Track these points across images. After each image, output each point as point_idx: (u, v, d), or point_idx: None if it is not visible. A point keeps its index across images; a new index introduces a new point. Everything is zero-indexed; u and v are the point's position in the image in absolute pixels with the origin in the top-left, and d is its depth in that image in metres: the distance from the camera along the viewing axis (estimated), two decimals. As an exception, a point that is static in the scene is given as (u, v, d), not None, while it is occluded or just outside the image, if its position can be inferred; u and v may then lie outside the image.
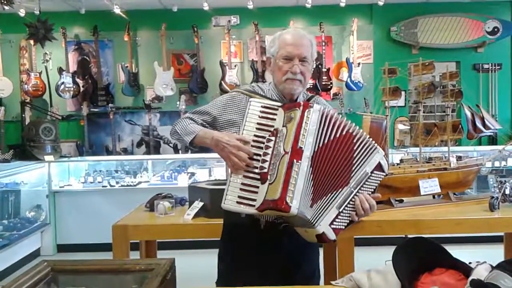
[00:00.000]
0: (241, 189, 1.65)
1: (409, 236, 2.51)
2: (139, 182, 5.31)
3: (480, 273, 1.32)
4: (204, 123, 1.93)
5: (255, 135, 1.70)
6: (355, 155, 1.69)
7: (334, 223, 1.67)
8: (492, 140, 5.91)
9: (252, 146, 1.69)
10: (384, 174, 1.77)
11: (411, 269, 1.43)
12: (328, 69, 5.88)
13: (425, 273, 1.42)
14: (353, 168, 1.69)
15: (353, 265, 2.52)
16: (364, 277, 1.53)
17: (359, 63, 5.88)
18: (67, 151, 5.84)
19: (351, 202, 1.70)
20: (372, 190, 1.75)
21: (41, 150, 5.36)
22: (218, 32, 6.06)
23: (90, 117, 5.94)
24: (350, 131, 1.70)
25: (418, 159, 2.87)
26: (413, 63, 2.97)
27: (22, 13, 5.42)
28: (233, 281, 1.66)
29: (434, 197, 2.90)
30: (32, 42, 5.57)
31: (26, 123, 5.69)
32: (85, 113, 5.83)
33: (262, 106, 1.73)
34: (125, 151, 6.01)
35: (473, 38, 6.01)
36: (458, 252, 1.54)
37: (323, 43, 5.83)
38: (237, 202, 1.64)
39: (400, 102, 5.62)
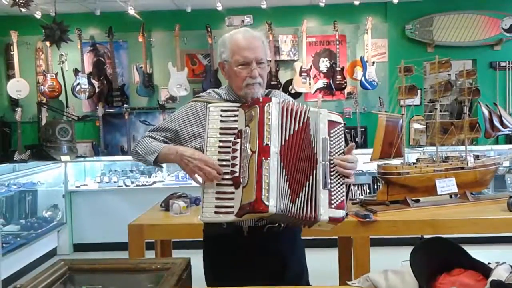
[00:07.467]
0: (216, 198, 1.61)
1: (425, 236, 2.49)
2: (154, 182, 5.34)
3: (500, 273, 1.30)
4: (166, 140, 1.86)
5: (220, 141, 1.66)
6: (311, 132, 1.64)
7: (332, 202, 1.59)
8: (510, 139, 5.81)
9: (220, 152, 1.65)
10: (341, 123, 1.71)
11: (429, 269, 1.41)
12: (342, 68, 5.84)
13: (443, 274, 1.40)
14: (313, 145, 1.63)
15: (369, 266, 2.50)
16: (381, 277, 1.51)
17: (373, 62, 5.83)
18: (83, 151, 5.88)
19: (332, 173, 1.63)
20: (342, 146, 1.68)
21: (57, 150, 5.41)
22: (232, 32, 6.06)
23: (105, 118, 5.98)
24: (308, 115, 1.65)
25: (435, 158, 2.83)
26: (429, 61, 2.93)
27: (38, 15, 5.47)
28: None
29: (451, 196, 2.87)
30: (48, 43, 5.62)
31: (43, 124, 5.74)
32: (101, 113, 5.87)
33: (221, 110, 1.69)
34: (140, 151, 6.03)
35: (489, 36, 5.91)
36: (476, 252, 1.51)
37: (337, 42, 5.80)
38: (215, 212, 1.60)
39: (416, 101, 5.58)
